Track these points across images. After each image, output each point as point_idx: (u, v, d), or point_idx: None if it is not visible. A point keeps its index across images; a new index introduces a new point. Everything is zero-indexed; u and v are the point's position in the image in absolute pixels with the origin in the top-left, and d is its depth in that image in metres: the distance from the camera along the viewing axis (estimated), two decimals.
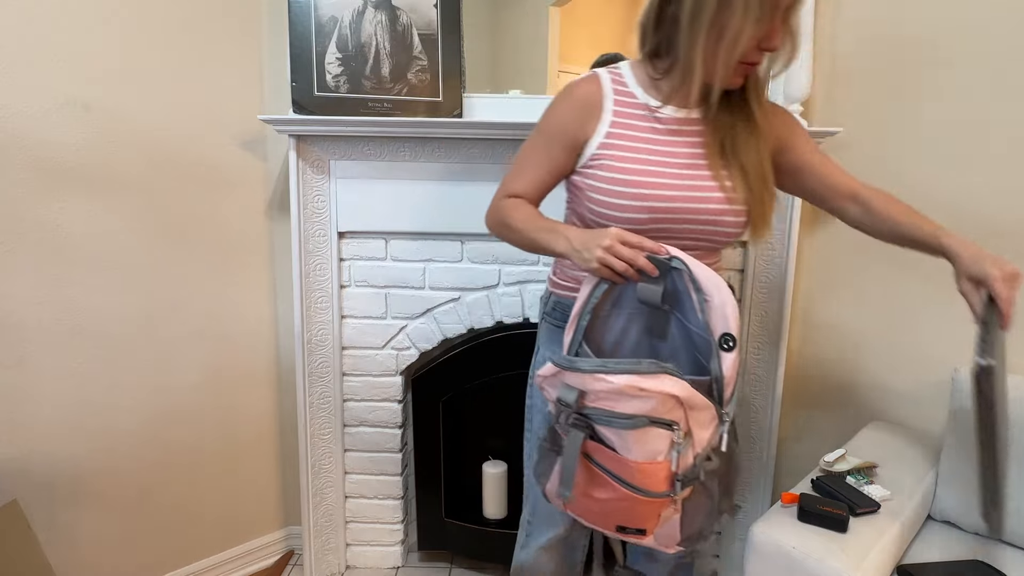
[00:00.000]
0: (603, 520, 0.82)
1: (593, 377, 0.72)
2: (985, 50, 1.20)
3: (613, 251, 0.78)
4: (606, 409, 0.73)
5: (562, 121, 0.90)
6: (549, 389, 0.80)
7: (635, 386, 0.71)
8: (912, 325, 1.35)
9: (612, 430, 0.73)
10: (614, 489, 0.76)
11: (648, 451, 0.73)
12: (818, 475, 1.12)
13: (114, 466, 1.39)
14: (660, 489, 0.74)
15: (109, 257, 1.33)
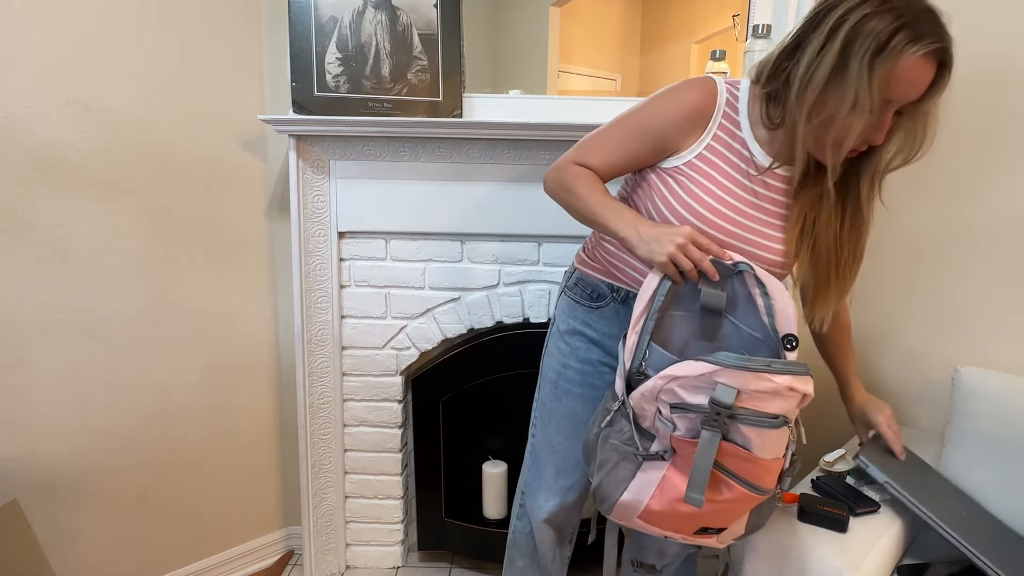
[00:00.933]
0: (684, 525, 0.82)
1: (758, 376, 0.73)
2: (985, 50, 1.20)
3: (685, 250, 0.78)
4: (756, 409, 0.74)
5: (666, 121, 0.87)
6: (682, 392, 0.77)
7: (791, 386, 0.74)
8: (912, 325, 1.35)
9: (756, 430, 0.74)
10: (732, 491, 0.76)
11: (776, 450, 0.77)
12: (818, 475, 1.12)
13: (114, 466, 1.39)
14: (772, 485, 0.78)
15: (109, 257, 1.33)
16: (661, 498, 0.81)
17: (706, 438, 0.74)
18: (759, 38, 1.32)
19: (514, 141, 1.40)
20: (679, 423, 0.78)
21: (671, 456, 0.80)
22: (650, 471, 0.82)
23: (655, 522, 0.83)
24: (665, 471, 0.80)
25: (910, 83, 0.74)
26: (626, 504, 0.84)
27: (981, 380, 1.12)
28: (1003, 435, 1.07)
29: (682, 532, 0.83)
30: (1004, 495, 1.06)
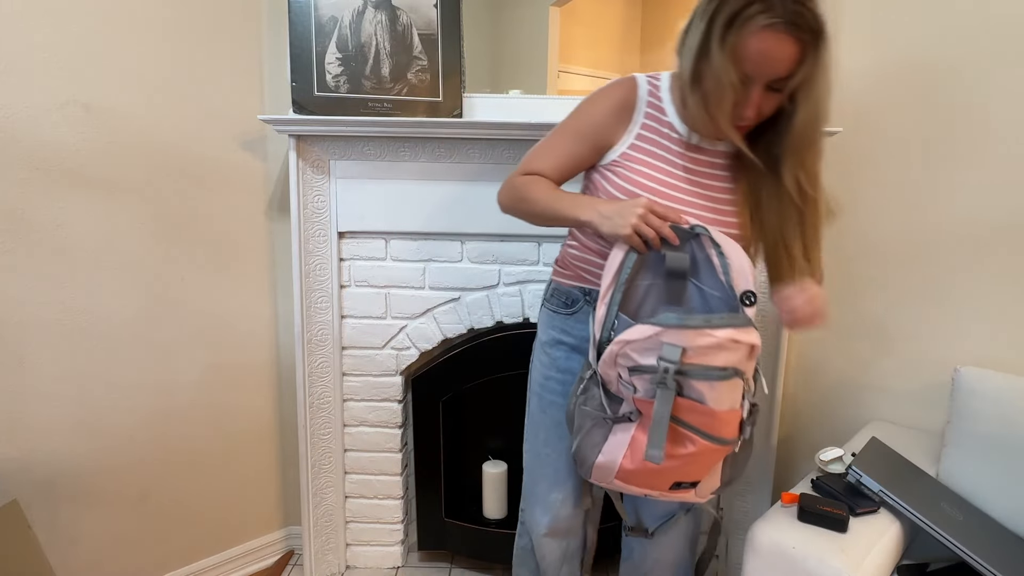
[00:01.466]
0: (658, 481, 0.84)
1: (699, 332, 0.76)
2: (985, 50, 1.20)
3: (646, 219, 0.81)
4: (704, 364, 0.77)
5: (595, 120, 0.93)
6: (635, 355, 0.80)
7: (733, 339, 0.76)
8: (912, 325, 1.35)
9: (707, 383, 0.77)
10: (694, 444, 0.79)
11: (731, 400, 0.79)
12: (818, 475, 1.12)
13: (114, 466, 1.39)
14: (735, 436, 0.80)
15: (109, 257, 1.33)
16: (632, 457, 0.83)
17: (660, 396, 0.77)
18: None
19: (514, 141, 1.40)
20: (638, 385, 0.81)
21: (638, 417, 0.83)
22: (620, 433, 0.85)
23: (631, 481, 0.86)
24: (633, 432, 0.83)
25: (762, 57, 0.76)
26: (602, 466, 0.87)
27: (981, 380, 1.12)
28: (1003, 435, 1.07)
29: (658, 488, 0.86)
30: (1004, 495, 1.06)
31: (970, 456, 1.11)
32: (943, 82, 1.26)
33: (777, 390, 1.49)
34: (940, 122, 1.27)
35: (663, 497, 0.88)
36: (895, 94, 1.33)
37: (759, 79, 0.79)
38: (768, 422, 1.52)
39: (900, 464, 1.12)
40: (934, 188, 1.29)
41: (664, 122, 0.92)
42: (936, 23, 1.26)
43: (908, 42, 1.31)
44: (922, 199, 1.31)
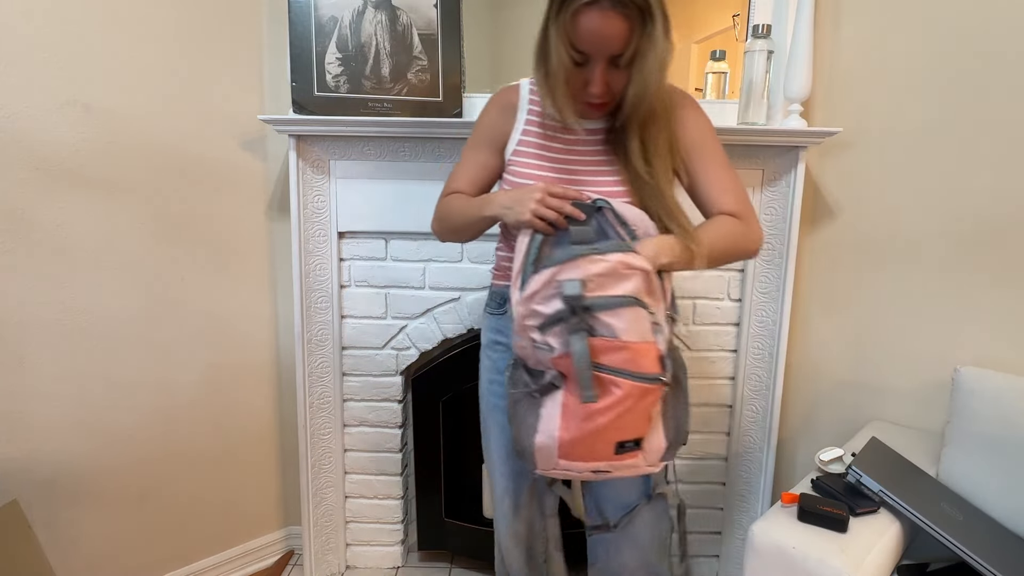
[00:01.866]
0: (600, 444, 0.82)
1: (590, 260, 0.78)
2: (985, 50, 1.20)
3: (545, 202, 0.84)
4: (604, 294, 0.78)
5: (486, 124, 1.00)
6: (540, 307, 0.81)
7: (624, 262, 0.79)
8: (912, 325, 1.35)
9: (612, 313, 0.78)
10: (620, 386, 0.79)
11: (640, 331, 0.80)
12: (818, 475, 1.12)
13: (114, 466, 1.39)
14: (656, 370, 0.80)
15: (109, 257, 1.33)
16: (568, 425, 0.82)
17: (576, 340, 0.78)
18: (759, 38, 1.32)
19: None
20: (552, 342, 0.80)
21: (562, 381, 0.82)
22: (549, 404, 0.84)
23: (575, 455, 0.83)
24: (562, 398, 0.82)
25: (592, 34, 0.80)
26: (542, 447, 0.84)
27: (981, 380, 1.12)
28: (1003, 435, 1.07)
29: (604, 457, 0.83)
30: (1004, 495, 1.06)
31: (970, 456, 1.11)
32: (943, 82, 1.26)
33: (777, 390, 1.50)
34: (940, 122, 1.27)
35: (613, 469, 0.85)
36: (895, 94, 1.33)
37: (597, 56, 0.83)
38: (768, 422, 1.52)
39: (900, 464, 1.12)
40: (934, 188, 1.29)
41: (546, 113, 0.95)
42: (936, 23, 1.26)
43: (908, 42, 1.31)
44: (922, 199, 1.31)
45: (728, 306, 1.51)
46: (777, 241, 1.44)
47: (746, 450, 1.56)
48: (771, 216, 1.44)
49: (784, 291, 1.45)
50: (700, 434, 1.57)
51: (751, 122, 1.36)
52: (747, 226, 0.93)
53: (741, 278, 1.49)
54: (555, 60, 0.83)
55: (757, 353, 1.50)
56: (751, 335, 1.50)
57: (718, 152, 0.95)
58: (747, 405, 1.54)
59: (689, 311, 1.51)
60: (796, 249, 1.43)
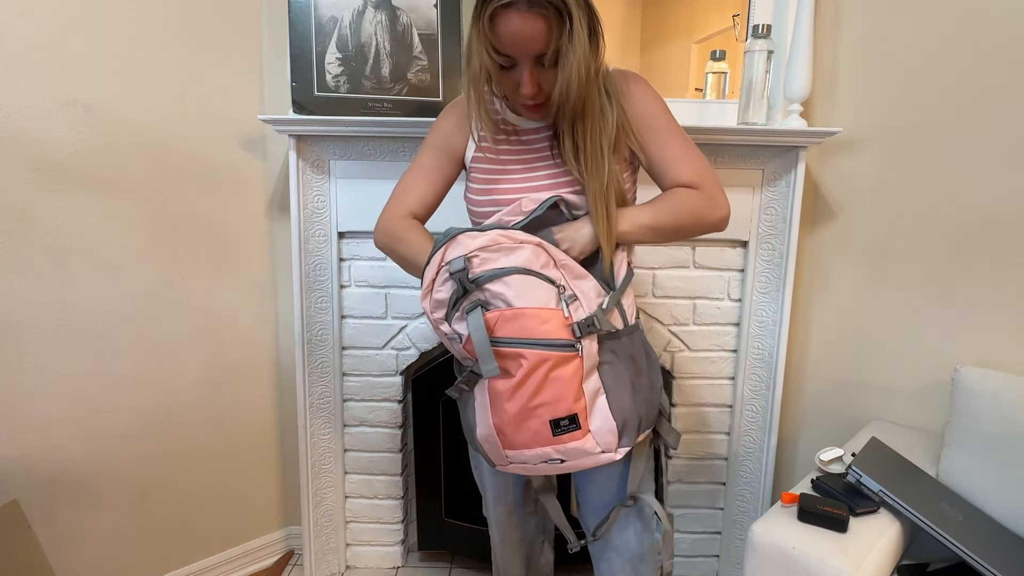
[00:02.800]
0: (534, 423, 0.81)
1: (470, 236, 0.81)
2: (985, 50, 1.20)
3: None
4: (491, 268, 0.80)
5: (443, 134, 0.99)
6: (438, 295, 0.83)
7: (504, 234, 0.82)
8: (912, 325, 1.35)
9: (499, 281, 0.80)
10: (524, 357, 0.79)
11: (537, 298, 0.80)
12: (818, 475, 1.12)
13: (114, 466, 1.39)
14: (562, 335, 0.80)
15: (109, 257, 1.33)
16: (496, 409, 0.82)
17: (471, 316, 0.80)
18: (759, 38, 1.32)
19: None
20: (458, 328, 0.82)
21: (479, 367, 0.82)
22: (479, 394, 0.85)
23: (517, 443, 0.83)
24: (486, 384, 0.83)
25: (512, 36, 0.80)
26: (485, 439, 0.85)
27: (981, 380, 1.12)
28: (1003, 435, 1.07)
29: (545, 440, 0.82)
30: (1004, 495, 1.06)
31: (970, 456, 1.11)
32: (944, 82, 1.26)
33: (777, 390, 1.50)
34: (940, 122, 1.27)
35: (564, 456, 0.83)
36: (896, 94, 1.33)
37: (521, 58, 0.83)
38: (768, 422, 1.52)
39: (900, 464, 1.12)
40: (934, 188, 1.29)
41: (498, 117, 0.97)
42: (938, 23, 1.26)
43: (908, 42, 1.31)
44: (922, 199, 1.31)
45: (728, 306, 1.51)
46: (777, 241, 1.44)
47: (746, 450, 1.56)
48: (771, 216, 1.44)
49: (784, 291, 1.45)
50: (700, 434, 1.57)
51: (751, 122, 1.36)
52: (706, 196, 0.90)
53: (741, 278, 1.49)
54: (476, 65, 0.85)
55: (757, 353, 1.50)
56: (751, 335, 1.50)
57: (671, 126, 0.94)
58: (747, 405, 1.54)
59: (689, 311, 1.51)
60: (796, 249, 1.43)
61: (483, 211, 0.96)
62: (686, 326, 1.51)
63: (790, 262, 1.44)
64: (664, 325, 1.51)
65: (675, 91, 1.52)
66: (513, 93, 0.88)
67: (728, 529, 1.61)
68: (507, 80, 0.86)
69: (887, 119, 1.34)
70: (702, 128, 1.34)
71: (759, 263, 1.46)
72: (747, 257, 1.47)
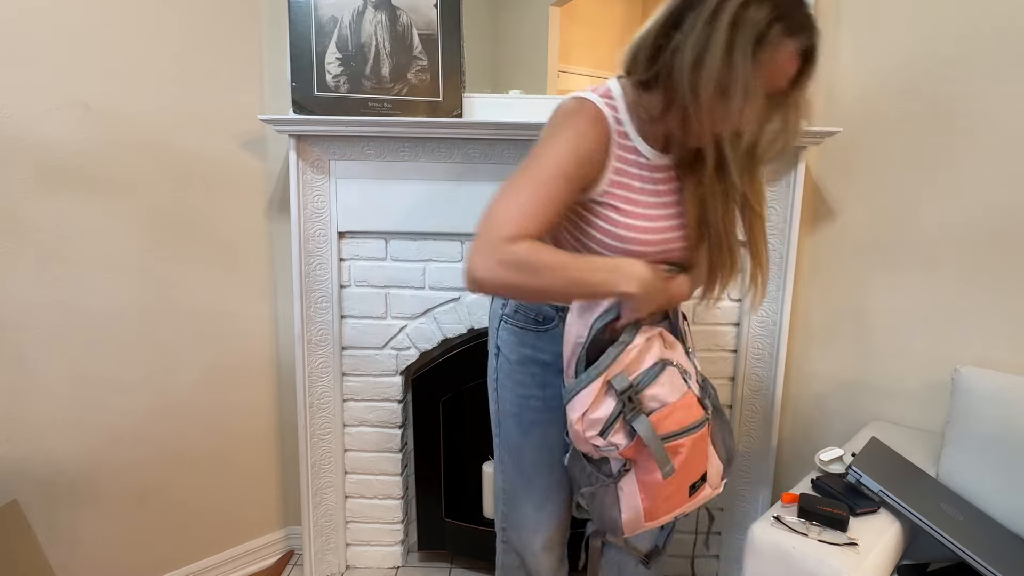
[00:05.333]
0: (678, 496, 0.88)
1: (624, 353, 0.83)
2: (985, 50, 1.20)
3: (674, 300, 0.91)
4: (641, 371, 0.84)
5: (582, 163, 0.82)
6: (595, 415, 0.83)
7: (646, 338, 0.85)
8: (912, 325, 1.35)
9: (654, 385, 0.84)
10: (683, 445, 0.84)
11: (676, 387, 0.86)
12: (818, 475, 1.12)
13: (114, 466, 1.39)
14: (700, 415, 0.87)
15: (109, 257, 1.33)
16: (649, 497, 0.87)
17: (642, 428, 0.82)
18: None
19: (514, 141, 1.40)
20: (615, 439, 0.83)
21: (632, 465, 0.87)
22: (627, 486, 0.88)
23: (659, 514, 0.89)
24: (636, 475, 0.87)
25: (783, 74, 0.77)
26: (630, 521, 0.90)
27: (981, 380, 1.12)
28: (1003, 435, 1.07)
29: (683, 503, 0.89)
30: (1004, 495, 1.06)
31: (970, 456, 1.11)
32: (944, 82, 1.26)
33: (777, 390, 1.50)
34: (940, 122, 1.27)
35: (692, 508, 0.92)
36: (896, 94, 1.33)
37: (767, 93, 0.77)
38: (768, 422, 1.52)
39: (900, 464, 1.12)
40: (934, 188, 1.29)
41: (630, 147, 0.87)
42: (936, 23, 1.26)
43: (907, 42, 1.31)
44: (922, 199, 1.31)
45: (728, 306, 1.51)
46: (777, 241, 1.44)
47: (746, 450, 1.56)
48: (771, 216, 1.43)
49: (784, 291, 1.45)
50: None
51: None
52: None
53: (741, 278, 1.49)
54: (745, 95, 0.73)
55: (757, 353, 1.50)
56: (751, 335, 1.50)
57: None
58: (747, 405, 1.54)
59: (689, 311, 1.51)
60: (796, 249, 1.43)
61: (622, 247, 0.87)
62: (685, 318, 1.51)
63: (790, 262, 1.43)
64: None
65: None
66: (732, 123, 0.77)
67: (728, 529, 1.61)
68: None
69: (887, 119, 1.34)
70: None
71: None
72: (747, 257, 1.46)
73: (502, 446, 1.09)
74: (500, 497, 1.13)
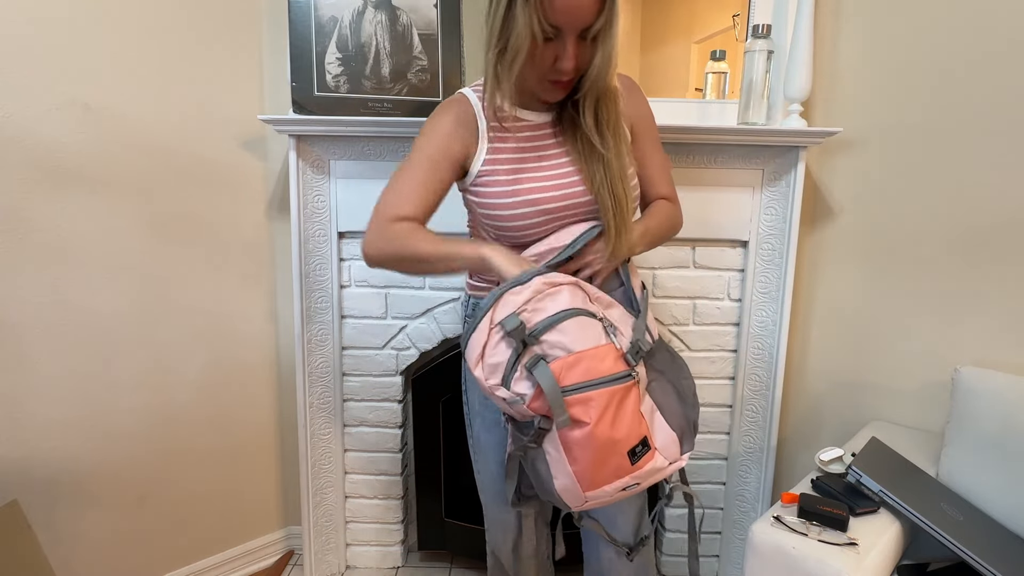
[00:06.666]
0: (613, 460, 0.80)
1: (513, 292, 0.80)
2: (985, 50, 1.20)
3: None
4: (542, 318, 0.80)
5: (442, 135, 0.91)
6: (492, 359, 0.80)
7: (545, 281, 0.81)
8: (912, 325, 1.35)
9: (555, 331, 0.79)
10: (591, 398, 0.78)
11: (590, 337, 0.80)
12: (818, 475, 1.12)
13: (114, 466, 1.39)
14: (620, 367, 0.81)
15: (109, 257, 1.33)
16: (575, 458, 0.81)
17: (539, 371, 0.77)
18: (759, 38, 1.32)
19: None
20: (519, 388, 0.79)
21: (548, 422, 0.81)
22: (550, 448, 0.83)
23: (598, 482, 0.82)
24: (557, 436, 0.81)
25: (568, 6, 0.78)
26: (565, 489, 0.83)
27: (981, 380, 1.12)
28: (1003, 435, 1.07)
29: (625, 472, 0.81)
30: (1004, 495, 1.06)
31: (970, 456, 1.11)
32: (944, 82, 1.26)
33: (777, 390, 1.50)
34: (940, 122, 1.27)
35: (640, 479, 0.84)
36: (895, 94, 1.33)
37: (569, 29, 0.80)
38: (768, 422, 1.52)
39: (900, 464, 1.12)
40: (934, 188, 1.29)
41: (509, 117, 0.92)
42: (937, 23, 1.26)
43: (908, 41, 1.31)
44: (922, 199, 1.31)
45: (728, 306, 1.51)
46: (777, 241, 1.44)
47: (746, 450, 1.56)
48: (771, 216, 1.44)
49: (784, 291, 1.45)
50: (700, 434, 1.57)
51: (751, 122, 1.36)
52: (677, 208, 1.03)
53: (741, 278, 1.49)
54: (522, 35, 0.78)
55: (757, 353, 1.50)
56: (751, 335, 1.50)
57: (657, 136, 1.01)
58: (747, 405, 1.54)
59: (689, 311, 1.51)
60: (796, 249, 1.43)
61: (510, 215, 0.91)
62: (686, 326, 1.51)
63: (790, 262, 1.43)
64: (664, 325, 1.51)
65: (675, 91, 1.53)
66: (547, 68, 0.83)
67: (728, 529, 1.61)
68: (545, 53, 0.82)
69: (887, 119, 1.34)
70: (702, 128, 1.34)
71: (759, 263, 1.46)
72: (747, 257, 1.47)
73: (474, 446, 1.12)
74: (481, 497, 1.15)
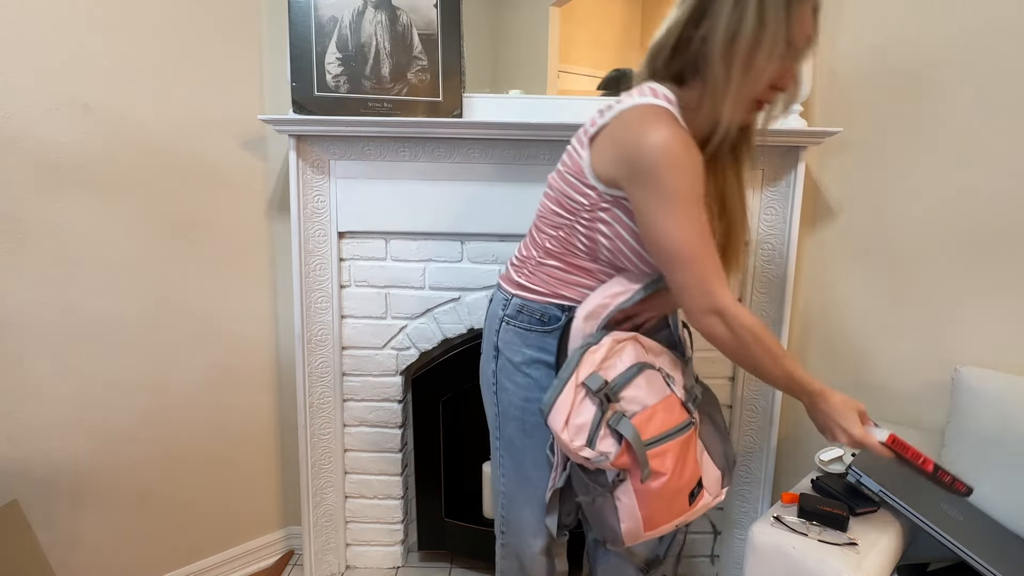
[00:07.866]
0: (676, 503, 0.87)
1: (590, 353, 0.85)
2: (985, 51, 1.20)
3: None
4: (619, 374, 0.85)
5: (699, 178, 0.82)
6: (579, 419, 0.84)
7: (615, 340, 0.87)
8: (912, 325, 1.35)
9: (631, 387, 0.84)
10: (666, 449, 0.84)
11: (656, 390, 0.86)
12: (818, 475, 1.12)
13: (114, 466, 1.39)
14: (684, 418, 0.87)
15: (109, 257, 1.33)
16: (646, 505, 0.87)
17: (627, 430, 0.82)
18: None
19: (514, 141, 1.40)
20: (603, 446, 0.83)
21: (627, 474, 0.87)
22: (622, 495, 0.88)
23: (659, 523, 0.88)
24: (632, 485, 0.86)
25: (810, 27, 0.79)
26: (630, 531, 0.89)
27: (981, 380, 1.12)
28: (1003, 435, 1.07)
29: (683, 512, 0.88)
30: (1003, 495, 1.06)
31: (970, 456, 1.11)
32: (943, 82, 1.26)
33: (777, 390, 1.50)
34: (941, 122, 1.27)
35: (693, 516, 0.91)
36: (895, 94, 1.33)
37: (798, 51, 0.79)
38: (768, 422, 1.52)
39: None
40: (934, 188, 1.29)
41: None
42: (937, 23, 1.26)
43: (908, 41, 1.30)
44: (922, 199, 1.31)
45: None
46: (777, 241, 1.44)
47: (746, 450, 1.56)
48: (771, 216, 1.44)
49: (784, 291, 1.45)
50: None
51: None
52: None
53: (741, 278, 1.49)
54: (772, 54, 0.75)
55: None
56: None
57: None
58: (747, 405, 1.54)
59: None
60: (796, 249, 1.43)
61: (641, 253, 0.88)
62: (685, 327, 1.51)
63: (790, 262, 1.43)
64: None
65: None
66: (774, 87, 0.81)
67: (728, 529, 1.61)
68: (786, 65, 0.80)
69: (887, 119, 1.34)
70: None
71: (759, 263, 1.46)
72: (747, 257, 1.47)
73: (502, 449, 1.08)
74: (499, 500, 1.12)
